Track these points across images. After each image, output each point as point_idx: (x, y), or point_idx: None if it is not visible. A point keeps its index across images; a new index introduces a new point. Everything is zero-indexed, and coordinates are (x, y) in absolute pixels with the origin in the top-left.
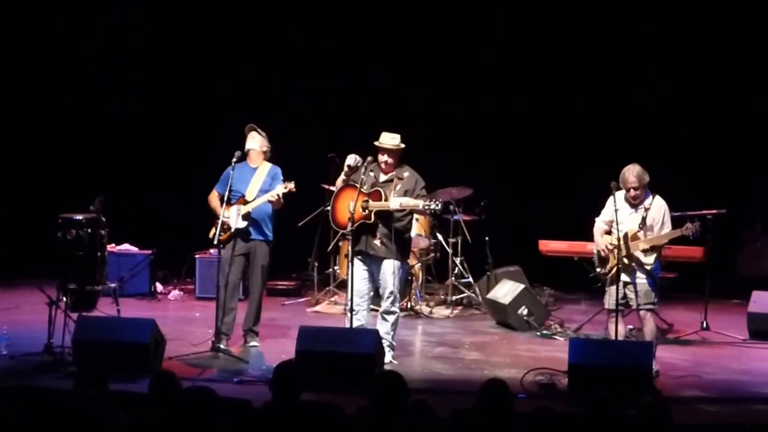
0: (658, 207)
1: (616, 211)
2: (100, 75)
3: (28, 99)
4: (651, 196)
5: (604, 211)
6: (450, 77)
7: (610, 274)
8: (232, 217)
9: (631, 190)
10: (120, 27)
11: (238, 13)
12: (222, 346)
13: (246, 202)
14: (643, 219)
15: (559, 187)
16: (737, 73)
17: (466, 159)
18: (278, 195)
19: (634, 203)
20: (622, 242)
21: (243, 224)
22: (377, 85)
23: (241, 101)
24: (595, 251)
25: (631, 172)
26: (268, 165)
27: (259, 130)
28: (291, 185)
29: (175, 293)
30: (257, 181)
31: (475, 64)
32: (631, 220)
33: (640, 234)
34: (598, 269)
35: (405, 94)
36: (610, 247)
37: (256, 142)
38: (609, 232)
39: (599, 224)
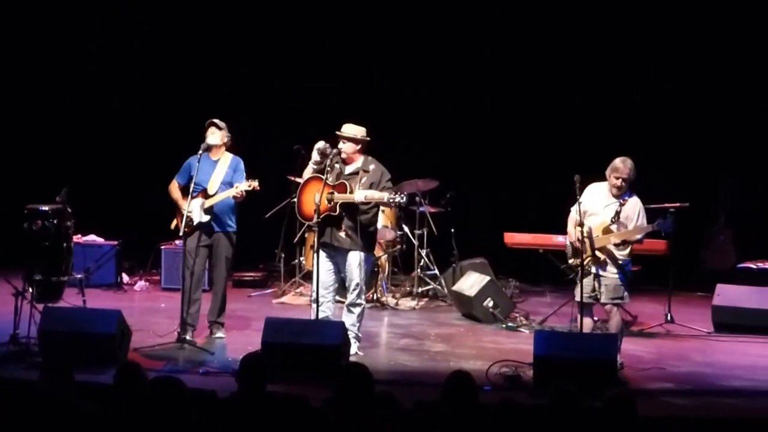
0: (633, 205)
1: (579, 203)
2: (66, 68)
3: None
4: (630, 194)
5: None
6: (417, 69)
7: (581, 266)
8: (195, 211)
9: (620, 181)
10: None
11: (207, 7)
12: (187, 338)
13: (208, 196)
14: (617, 213)
15: (525, 179)
16: (698, 68)
17: (432, 151)
18: (242, 192)
19: (616, 194)
20: (585, 236)
21: (206, 218)
22: (344, 76)
23: (208, 91)
24: (568, 242)
25: (625, 164)
26: (230, 156)
27: (218, 123)
28: (255, 183)
29: (140, 284)
30: (219, 174)
31: (440, 54)
32: (606, 212)
33: (614, 227)
34: (570, 260)
35: (372, 85)
36: (580, 239)
37: (216, 137)
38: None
39: (573, 214)
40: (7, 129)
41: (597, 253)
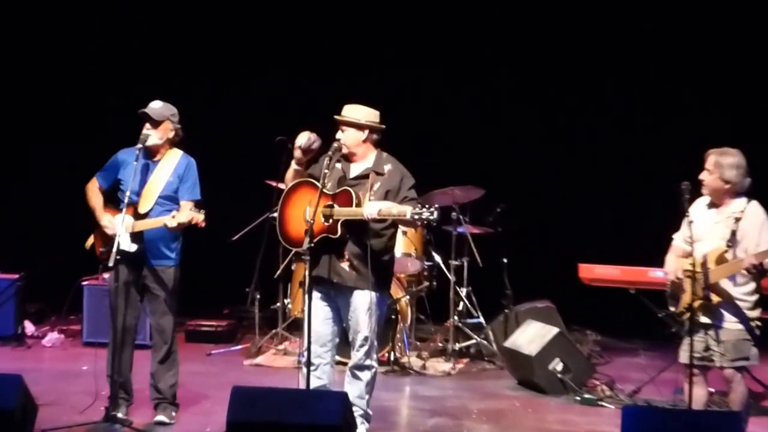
0: (753, 217)
1: (686, 216)
2: None
3: None
4: (746, 201)
5: (683, 225)
6: (452, 44)
7: (686, 316)
8: (119, 233)
9: (719, 181)
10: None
11: None
12: (120, 415)
13: (137, 214)
14: (733, 233)
15: (607, 188)
16: None
17: (474, 149)
18: (179, 223)
19: (718, 201)
20: (698, 267)
21: (133, 247)
22: (349, 49)
23: (156, 71)
24: (668, 281)
25: (725, 157)
26: (177, 156)
27: (153, 115)
28: (199, 218)
29: (52, 336)
30: (157, 183)
31: (487, 26)
32: (714, 234)
33: (728, 255)
34: (671, 308)
35: (391, 62)
36: (683, 275)
37: (154, 136)
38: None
39: (677, 242)
40: None
41: (707, 293)
